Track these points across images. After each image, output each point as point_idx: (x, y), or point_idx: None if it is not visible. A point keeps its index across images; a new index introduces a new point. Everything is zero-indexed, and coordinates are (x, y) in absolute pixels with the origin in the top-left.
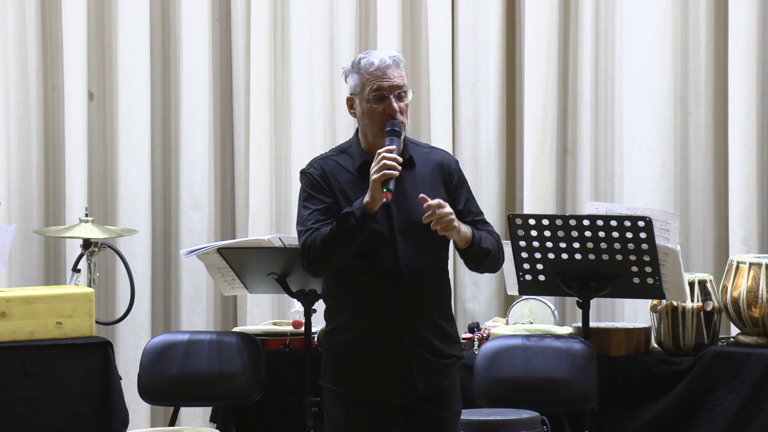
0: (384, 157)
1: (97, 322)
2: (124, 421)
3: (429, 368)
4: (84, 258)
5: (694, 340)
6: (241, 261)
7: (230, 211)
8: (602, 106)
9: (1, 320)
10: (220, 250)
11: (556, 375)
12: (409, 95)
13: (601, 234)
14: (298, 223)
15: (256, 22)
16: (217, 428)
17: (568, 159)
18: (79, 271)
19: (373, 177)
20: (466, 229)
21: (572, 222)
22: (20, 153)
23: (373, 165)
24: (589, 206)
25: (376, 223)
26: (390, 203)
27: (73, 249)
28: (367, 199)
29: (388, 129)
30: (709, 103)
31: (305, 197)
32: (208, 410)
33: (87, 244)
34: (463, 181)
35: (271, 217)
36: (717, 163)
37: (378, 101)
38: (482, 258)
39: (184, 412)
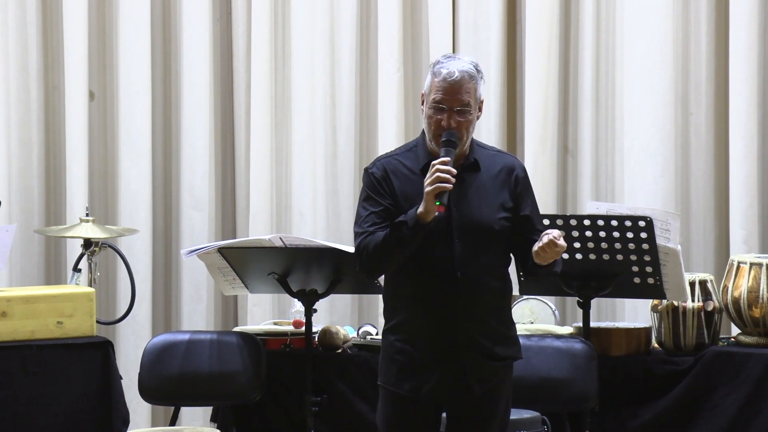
0: (438, 170)
1: (97, 322)
2: (125, 420)
3: (483, 371)
4: (84, 258)
5: (694, 340)
6: (242, 261)
7: (231, 210)
8: (603, 105)
9: (2, 320)
10: (221, 250)
11: (556, 375)
12: (474, 113)
13: (602, 234)
14: (355, 223)
15: (256, 21)
16: (217, 428)
17: (569, 159)
18: (79, 270)
19: (427, 189)
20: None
21: (573, 222)
22: (21, 152)
23: (427, 176)
24: (589, 206)
25: (435, 225)
26: (450, 204)
27: (74, 249)
28: (420, 209)
29: (444, 140)
30: (710, 103)
31: (364, 197)
32: (209, 410)
33: (87, 243)
34: (528, 188)
35: (272, 216)
36: (718, 162)
37: (437, 112)
38: (547, 277)
39: (185, 411)
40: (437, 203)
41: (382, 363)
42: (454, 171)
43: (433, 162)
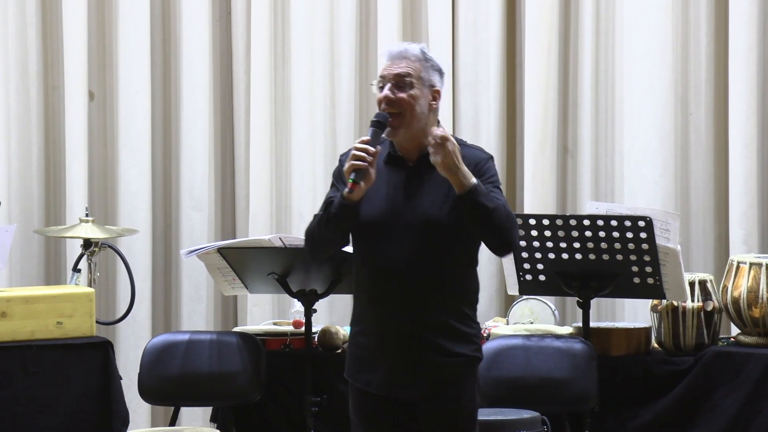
0: (355, 148)
1: (97, 322)
2: (125, 420)
3: (432, 367)
4: (84, 258)
5: (694, 340)
6: (242, 261)
7: (230, 211)
8: (602, 106)
9: (2, 320)
10: (221, 250)
11: (556, 375)
12: (418, 90)
13: (602, 234)
14: None
15: (256, 21)
16: (217, 428)
17: (569, 159)
18: (79, 271)
19: (344, 167)
20: (468, 175)
21: (573, 222)
22: (20, 153)
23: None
24: (589, 206)
25: (385, 217)
26: (400, 196)
27: (74, 249)
28: (346, 189)
29: (373, 119)
30: (710, 103)
31: (330, 184)
32: (209, 410)
33: (87, 243)
34: (490, 183)
35: (272, 217)
36: (717, 162)
37: (379, 90)
38: (481, 213)
39: (185, 412)
40: (350, 180)
41: (347, 355)
42: (372, 150)
43: (355, 141)
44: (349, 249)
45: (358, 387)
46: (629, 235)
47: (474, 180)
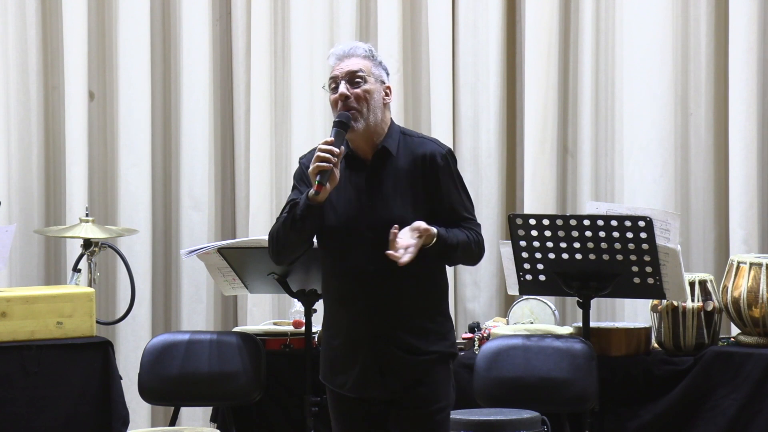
0: (320, 149)
1: (97, 322)
2: (125, 421)
3: (402, 366)
4: (84, 258)
5: (694, 340)
6: (242, 261)
7: (230, 211)
8: (602, 106)
9: (2, 320)
10: (221, 250)
11: (556, 375)
12: (371, 85)
13: (602, 234)
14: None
15: (256, 21)
16: (217, 428)
17: (569, 159)
18: (79, 270)
19: (309, 169)
20: (431, 230)
21: (572, 222)
22: (20, 153)
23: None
24: (589, 206)
25: (349, 218)
26: (363, 197)
27: (74, 249)
28: (311, 191)
29: (335, 120)
30: (710, 103)
31: (292, 187)
32: (209, 410)
33: (87, 243)
34: (448, 175)
35: (272, 216)
36: (717, 163)
37: (333, 91)
38: (450, 254)
39: (185, 412)
40: (316, 182)
41: (320, 358)
42: (337, 151)
43: (319, 142)
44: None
45: (332, 389)
46: (629, 235)
47: (434, 229)
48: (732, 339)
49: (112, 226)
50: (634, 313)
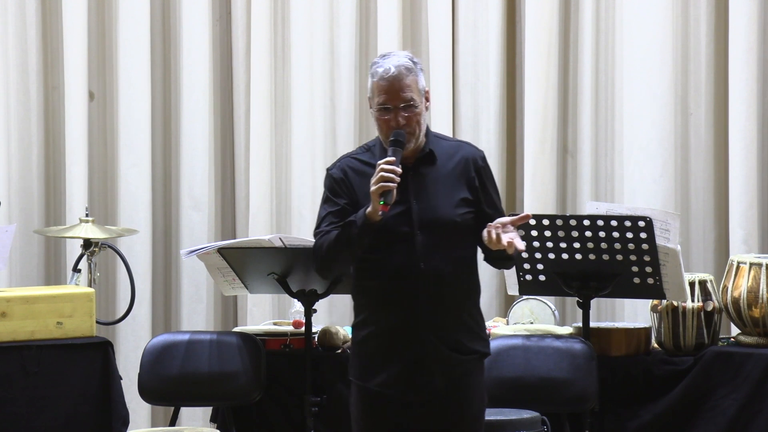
0: (382, 169)
1: (97, 322)
2: (125, 421)
3: (448, 364)
4: (84, 258)
5: (694, 340)
6: (242, 261)
7: (230, 211)
8: (602, 106)
9: (2, 320)
10: (221, 250)
11: (556, 375)
12: (420, 105)
13: (602, 234)
14: (316, 224)
15: (256, 21)
16: (217, 428)
17: (568, 159)
18: (79, 271)
19: (372, 189)
20: None
21: (572, 222)
22: (20, 153)
23: (373, 176)
24: (589, 206)
25: (396, 219)
26: (410, 197)
27: (74, 249)
28: (369, 209)
29: (392, 139)
30: (710, 103)
31: (324, 199)
32: (209, 410)
33: (87, 244)
34: (489, 177)
35: (272, 217)
36: (717, 163)
37: (383, 113)
38: (507, 261)
39: (185, 412)
40: (381, 202)
41: (352, 358)
42: (399, 170)
43: (379, 162)
44: None
45: (368, 388)
46: (629, 235)
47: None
48: (732, 339)
49: (112, 227)
50: (634, 313)
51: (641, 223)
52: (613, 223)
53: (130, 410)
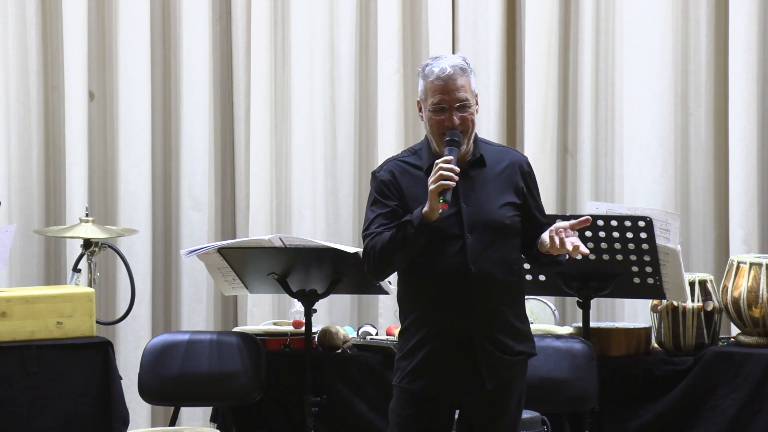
0: (441, 168)
1: (97, 322)
2: (125, 421)
3: (498, 365)
4: (84, 258)
5: (694, 340)
6: (242, 261)
7: (230, 211)
8: (602, 106)
9: (2, 320)
10: (221, 250)
11: (556, 375)
12: (474, 106)
13: (602, 234)
14: (364, 227)
15: (256, 21)
16: (217, 428)
17: (568, 159)
18: (79, 271)
19: (431, 188)
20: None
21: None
22: (20, 153)
23: (431, 176)
24: (589, 206)
25: (445, 221)
26: (459, 200)
27: (74, 249)
28: (425, 209)
29: (448, 139)
30: (710, 103)
31: (372, 201)
32: (209, 410)
33: (87, 244)
34: (534, 182)
35: (272, 217)
36: (717, 163)
37: (438, 113)
38: (558, 265)
39: (185, 412)
40: (441, 200)
41: (397, 362)
42: (457, 169)
43: (437, 161)
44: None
45: (414, 392)
46: (629, 235)
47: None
48: (732, 339)
49: (112, 226)
50: (634, 313)
51: (641, 223)
52: (614, 223)
53: (130, 410)
